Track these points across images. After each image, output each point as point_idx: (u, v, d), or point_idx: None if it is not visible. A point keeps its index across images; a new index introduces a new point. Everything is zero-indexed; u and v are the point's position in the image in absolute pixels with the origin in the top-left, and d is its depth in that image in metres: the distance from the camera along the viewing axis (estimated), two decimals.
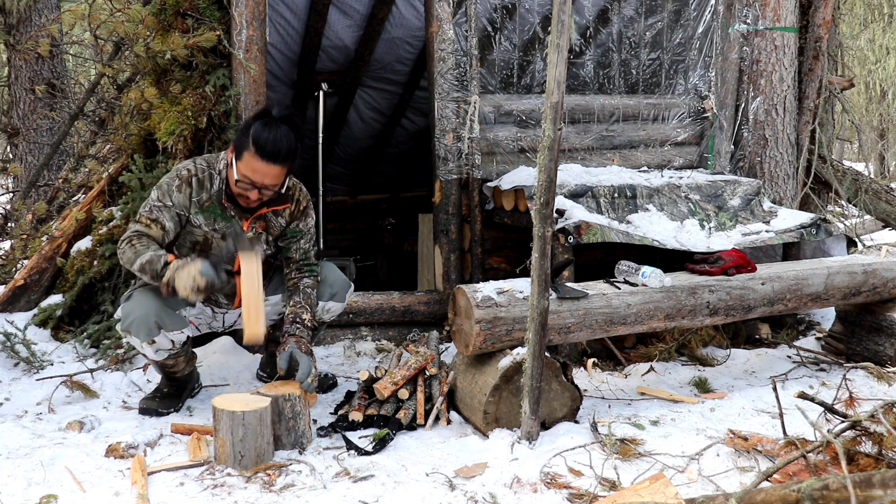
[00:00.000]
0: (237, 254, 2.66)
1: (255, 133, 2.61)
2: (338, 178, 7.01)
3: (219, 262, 2.68)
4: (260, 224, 2.88)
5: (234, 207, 2.81)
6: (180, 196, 2.75)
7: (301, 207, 2.94)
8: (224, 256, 2.86)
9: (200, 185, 2.77)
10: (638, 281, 3.07)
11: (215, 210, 2.81)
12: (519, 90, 4.19)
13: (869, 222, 6.26)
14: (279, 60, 5.46)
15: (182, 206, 2.76)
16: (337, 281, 3.08)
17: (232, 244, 2.81)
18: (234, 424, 2.35)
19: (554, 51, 2.38)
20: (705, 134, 4.44)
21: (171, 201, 2.75)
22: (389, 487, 2.26)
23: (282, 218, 2.91)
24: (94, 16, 4.26)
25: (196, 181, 2.77)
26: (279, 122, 2.66)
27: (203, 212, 2.80)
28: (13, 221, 4.78)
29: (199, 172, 2.78)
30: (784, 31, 4.41)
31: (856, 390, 3.05)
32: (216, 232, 2.83)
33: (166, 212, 2.74)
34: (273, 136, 2.60)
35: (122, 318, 2.74)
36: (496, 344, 2.73)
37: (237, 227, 2.82)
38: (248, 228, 2.85)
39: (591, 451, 2.50)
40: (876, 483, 1.62)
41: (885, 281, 3.44)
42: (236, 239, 2.74)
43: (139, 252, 2.61)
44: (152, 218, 2.73)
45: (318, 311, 3.04)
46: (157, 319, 2.69)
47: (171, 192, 2.75)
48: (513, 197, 3.71)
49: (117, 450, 2.46)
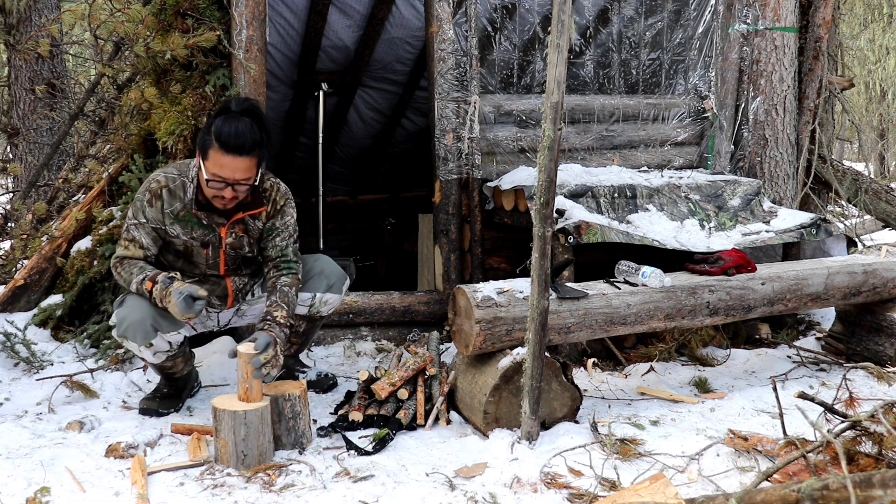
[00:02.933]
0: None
1: (217, 128, 2.60)
2: (338, 178, 7.01)
3: (197, 282, 2.80)
4: (240, 228, 2.85)
5: (207, 215, 2.79)
6: (152, 211, 2.75)
7: (278, 206, 2.89)
8: (205, 263, 2.87)
9: (172, 195, 2.76)
10: (638, 281, 3.07)
11: (191, 219, 2.79)
12: (519, 90, 4.19)
13: (869, 222, 6.27)
14: (279, 60, 5.46)
15: (156, 220, 2.76)
16: (333, 272, 3.06)
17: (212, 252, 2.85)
18: (235, 424, 2.35)
19: (554, 51, 2.38)
20: (705, 134, 4.44)
21: (145, 217, 2.75)
22: (389, 487, 2.26)
23: (259, 221, 2.87)
24: (94, 16, 4.26)
25: (167, 192, 2.75)
26: (240, 115, 2.64)
27: (179, 221, 2.78)
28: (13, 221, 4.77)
29: (169, 183, 2.76)
30: (784, 31, 4.41)
31: (856, 390, 3.05)
32: (195, 240, 2.81)
33: (142, 229, 2.75)
34: (235, 129, 2.59)
35: (117, 323, 2.73)
36: (496, 344, 2.73)
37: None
38: (227, 234, 2.83)
39: (591, 451, 2.50)
40: (876, 483, 1.62)
41: (885, 281, 3.44)
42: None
43: (127, 280, 2.73)
44: (129, 238, 2.76)
45: (316, 303, 3.03)
46: (152, 322, 2.69)
47: (143, 208, 2.75)
48: (513, 197, 3.71)
49: (117, 450, 2.46)
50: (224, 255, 2.86)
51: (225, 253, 2.86)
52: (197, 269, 2.90)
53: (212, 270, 2.90)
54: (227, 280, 2.94)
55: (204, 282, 2.93)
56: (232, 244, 2.86)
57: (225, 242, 2.84)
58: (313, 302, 3.02)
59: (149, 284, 2.65)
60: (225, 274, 2.92)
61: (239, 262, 2.95)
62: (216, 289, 2.94)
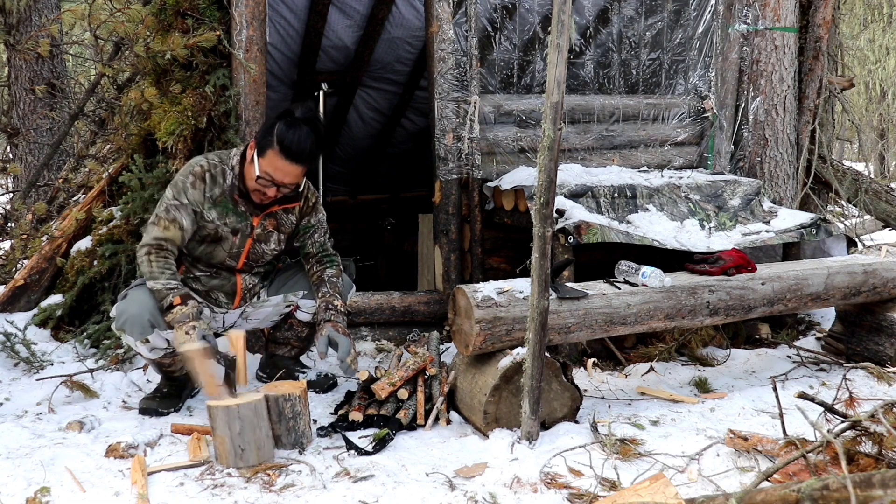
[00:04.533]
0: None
1: (280, 133, 2.66)
2: (338, 178, 7.01)
3: (209, 277, 2.92)
4: (270, 222, 2.91)
5: (245, 203, 2.84)
6: (195, 192, 2.78)
7: (310, 203, 3.00)
8: (228, 252, 2.89)
9: (213, 180, 2.81)
10: (638, 281, 3.07)
11: (227, 205, 2.84)
12: (519, 90, 4.19)
13: (869, 222, 6.27)
14: (279, 60, 5.46)
15: (196, 202, 2.79)
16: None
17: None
18: (230, 419, 2.35)
19: (554, 51, 2.38)
20: (705, 134, 4.44)
21: (187, 199, 2.78)
22: (389, 487, 2.26)
23: (292, 215, 2.95)
24: (94, 16, 4.26)
25: (209, 177, 2.80)
26: (302, 123, 2.69)
27: (216, 206, 2.83)
28: (13, 221, 4.78)
29: (211, 168, 2.81)
30: (784, 31, 4.41)
31: (856, 390, 3.05)
32: (226, 226, 2.85)
33: (183, 210, 2.77)
34: (298, 137, 2.65)
35: (116, 316, 2.75)
36: (496, 344, 2.73)
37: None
38: (259, 225, 2.88)
39: (591, 451, 2.50)
40: (876, 483, 1.62)
41: (885, 281, 3.44)
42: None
43: (154, 274, 2.69)
44: (170, 218, 2.76)
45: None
46: (150, 318, 2.69)
47: (185, 189, 2.78)
48: (513, 197, 3.71)
49: (117, 450, 2.46)
50: (250, 244, 2.91)
51: (251, 243, 2.91)
52: (214, 258, 2.92)
53: (231, 261, 2.93)
54: (237, 277, 2.97)
55: (215, 276, 2.96)
56: (259, 236, 2.91)
57: (255, 233, 2.89)
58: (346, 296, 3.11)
59: (177, 300, 2.64)
60: (241, 268, 2.95)
61: (257, 259, 2.99)
62: (226, 285, 2.98)
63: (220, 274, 2.96)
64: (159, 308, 2.67)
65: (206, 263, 2.93)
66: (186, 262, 2.94)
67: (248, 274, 3.01)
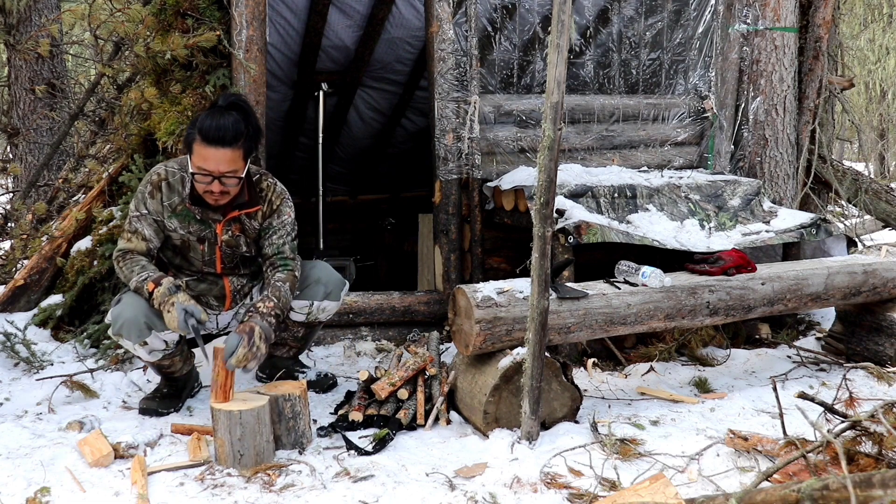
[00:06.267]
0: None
1: (200, 122, 2.65)
2: (338, 178, 7.01)
3: (195, 280, 2.85)
4: (236, 227, 2.87)
5: (201, 210, 2.80)
6: (153, 202, 2.78)
7: (274, 206, 2.91)
8: (201, 260, 2.87)
9: (171, 188, 2.79)
10: (638, 281, 3.07)
11: (188, 213, 2.81)
12: (519, 90, 4.19)
13: (869, 222, 6.27)
14: (279, 60, 5.45)
15: (156, 212, 2.79)
16: (331, 280, 3.08)
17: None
18: (231, 424, 2.35)
19: (554, 51, 2.38)
20: (705, 134, 4.44)
21: (146, 209, 2.78)
22: (389, 487, 2.26)
23: (255, 220, 2.89)
24: (94, 16, 4.26)
25: (166, 185, 2.79)
26: (225, 109, 2.68)
27: (176, 215, 2.81)
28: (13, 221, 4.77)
29: (169, 176, 2.80)
30: (784, 31, 4.41)
31: (856, 390, 3.05)
32: (191, 234, 2.84)
33: (143, 220, 2.78)
34: (216, 122, 2.62)
35: (112, 321, 2.75)
36: (496, 344, 2.73)
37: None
38: (223, 232, 2.84)
39: (591, 451, 2.50)
40: (876, 483, 1.62)
41: (885, 281, 3.44)
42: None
43: (128, 276, 2.73)
44: (132, 230, 2.78)
45: (314, 310, 3.05)
46: (146, 320, 2.69)
47: (145, 199, 2.78)
48: (513, 197, 3.71)
49: (117, 450, 2.46)
50: (220, 252, 2.88)
51: (221, 250, 2.88)
52: (193, 265, 2.91)
53: (208, 268, 2.91)
54: (224, 280, 2.95)
55: (202, 281, 2.94)
56: (228, 242, 2.87)
57: (221, 239, 2.86)
58: (311, 310, 3.04)
59: (150, 286, 2.65)
60: (222, 273, 2.94)
61: (237, 262, 2.96)
62: (213, 288, 2.96)
63: (206, 278, 2.95)
64: (146, 301, 2.68)
65: (187, 270, 2.93)
66: (172, 270, 2.95)
67: (234, 276, 2.98)
